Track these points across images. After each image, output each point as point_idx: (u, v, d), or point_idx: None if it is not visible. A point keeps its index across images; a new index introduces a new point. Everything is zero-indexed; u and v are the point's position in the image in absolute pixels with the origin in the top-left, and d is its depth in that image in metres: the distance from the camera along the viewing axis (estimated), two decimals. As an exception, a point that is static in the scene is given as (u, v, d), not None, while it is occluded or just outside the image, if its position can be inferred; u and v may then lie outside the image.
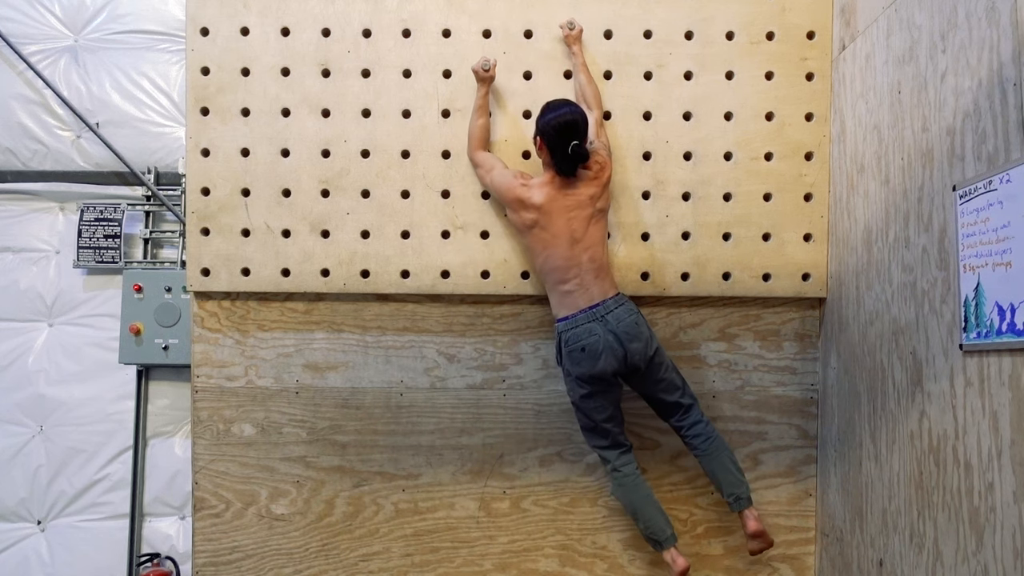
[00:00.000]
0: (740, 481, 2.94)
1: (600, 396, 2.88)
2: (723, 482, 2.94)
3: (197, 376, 3.23)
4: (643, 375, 2.91)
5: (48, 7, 3.97)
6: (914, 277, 2.54)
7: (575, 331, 2.84)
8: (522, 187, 2.89)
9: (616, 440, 2.95)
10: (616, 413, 2.95)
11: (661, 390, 2.95)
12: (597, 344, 2.80)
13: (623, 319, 2.83)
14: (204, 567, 3.23)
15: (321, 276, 3.19)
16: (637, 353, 2.83)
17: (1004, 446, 2.05)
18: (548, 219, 2.85)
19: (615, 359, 2.82)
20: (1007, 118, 2.09)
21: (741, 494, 2.93)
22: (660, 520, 2.92)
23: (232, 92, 3.17)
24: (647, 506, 2.93)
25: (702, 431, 2.96)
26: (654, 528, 2.91)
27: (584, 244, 2.86)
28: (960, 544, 2.25)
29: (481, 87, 3.08)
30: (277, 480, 3.24)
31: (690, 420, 2.97)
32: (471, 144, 3.07)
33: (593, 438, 2.98)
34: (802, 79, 3.21)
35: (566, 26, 3.10)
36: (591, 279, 2.86)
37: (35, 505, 3.88)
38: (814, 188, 3.21)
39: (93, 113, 3.94)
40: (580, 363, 2.84)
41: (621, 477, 2.94)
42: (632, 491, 2.93)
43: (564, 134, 2.78)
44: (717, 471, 2.95)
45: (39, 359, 3.91)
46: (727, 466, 2.94)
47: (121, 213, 3.92)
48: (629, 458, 2.97)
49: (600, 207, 2.92)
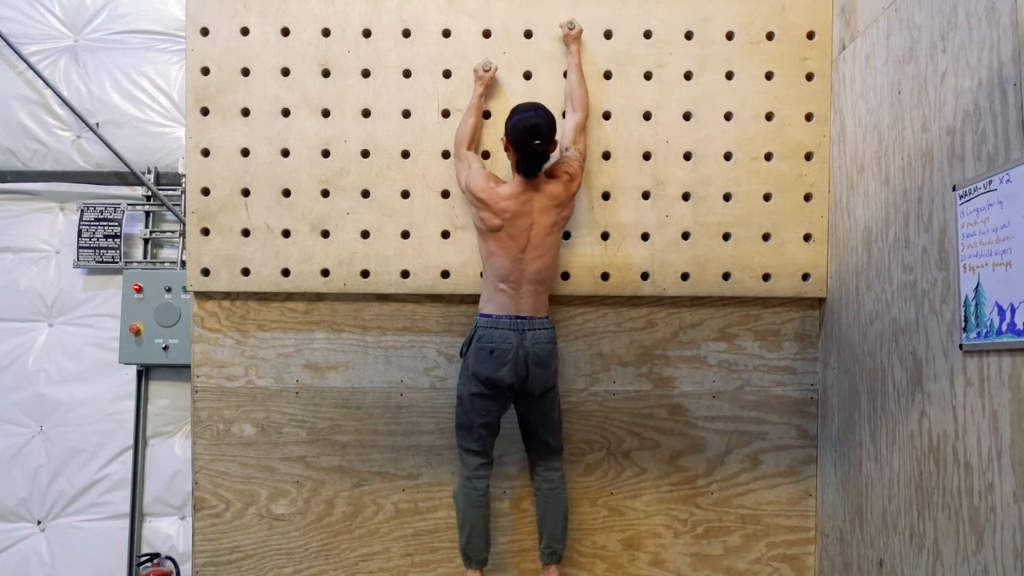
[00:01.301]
0: (561, 539, 3.04)
1: (488, 401, 2.92)
2: (546, 533, 3.04)
3: (197, 376, 3.23)
4: (532, 402, 2.97)
5: (48, 7, 3.97)
6: (914, 277, 2.54)
7: (492, 332, 2.87)
8: (491, 189, 2.90)
9: (483, 448, 2.98)
10: (494, 424, 2.99)
11: (539, 423, 3.01)
12: (507, 354, 2.85)
13: (540, 343, 2.88)
14: (204, 567, 3.23)
15: (321, 276, 3.19)
16: (537, 379, 2.89)
17: (1004, 446, 2.05)
18: (511, 223, 2.87)
19: (516, 375, 2.87)
20: (1007, 118, 2.09)
21: (556, 550, 3.03)
22: (481, 543, 3.00)
23: (232, 92, 3.17)
24: (477, 524, 2.98)
25: (553, 479, 3.03)
26: (473, 547, 2.99)
27: (536, 253, 2.89)
28: (960, 544, 2.25)
29: (478, 87, 3.09)
30: (277, 480, 3.24)
31: (548, 464, 3.04)
32: (459, 139, 3.07)
33: (463, 437, 2.99)
34: (802, 79, 3.21)
35: (566, 26, 3.11)
36: (529, 291, 2.90)
37: (35, 505, 3.88)
38: (814, 188, 3.21)
39: (93, 113, 3.94)
40: (484, 363, 2.87)
41: (470, 488, 2.98)
42: (472, 505, 2.97)
43: (528, 135, 2.80)
44: (547, 521, 3.03)
45: (39, 359, 3.91)
46: (558, 520, 3.03)
47: (121, 213, 3.92)
48: (485, 473, 3.00)
49: (565, 216, 2.96)
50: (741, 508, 3.29)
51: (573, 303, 3.25)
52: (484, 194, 2.89)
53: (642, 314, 3.27)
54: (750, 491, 3.29)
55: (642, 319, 3.27)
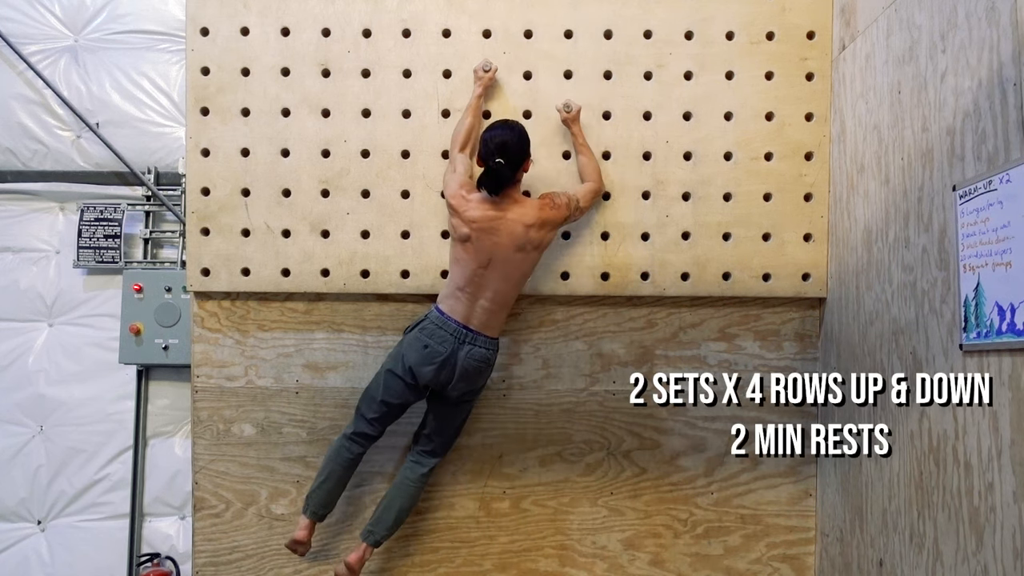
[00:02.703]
0: (387, 527, 3.03)
1: (402, 385, 2.92)
2: (378, 514, 3.05)
3: (197, 376, 3.23)
4: (443, 404, 3.00)
5: (48, 7, 3.97)
6: (914, 277, 2.54)
7: (435, 329, 2.87)
8: (461, 197, 2.87)
9: (375, 421, 2.98)
10: (398, 409, 3.00)
11: (439, 426, 3.04)
12: (437, 355, 2.85)
13: (474, 359, 2.88)
14: (204, 567, 3.23)
15: (321, 276, 3.19)
16: (455, 390, 2.92)
17: (1004, 446, 2.05)
18: (478, 236, 2.83)
19: (437, 378, 2.88)
20: (1007, 118, 2.09)
21: (378, 533, 3.03)
22: (326, 496, 3.00)
23: (232, 92, 3.17)
24: (331, 481, 2.99)
25: (416, 475, 3.05)
26: (318, 499, 3.00)
27: (498, 274, 2.86)
28: (960, 544, 2.25)
29: (477, 88, 3.08)
30: (277, 480, 3.24)
31: (421, 460, 3.07)
32: (454, 140, 3.05)
33: (364, 403, 3.00)
34: (802, 79, 3.21)
35: (563, 109, 3.09)
36: (483, 307, 2.88)
37: (35, 505, 3.88)
38: (814, 188, 3.21)
39: (93, 113, 3.94)
40: (414, 353, 2.88)
41: (343, 447, 2.99)
42: (339, 465, 2.99)
43: (491, 153, 2.79)
44: (386, 505, 3.05)
45: (39, 359, 3.91)
46: (393, 509, 3.03)
47: (121, 213, 3.92)
48: (364, 442, 3.00)
49: (531, 239, 2.86)
50: (741, 508, 3.29)
51: (573, 303, 3.25)
52: (454, 200, 2.88)
53: (642, 314, 3.27)
54: (750, 491, 3.29)
55: (642, 319, 3.27)
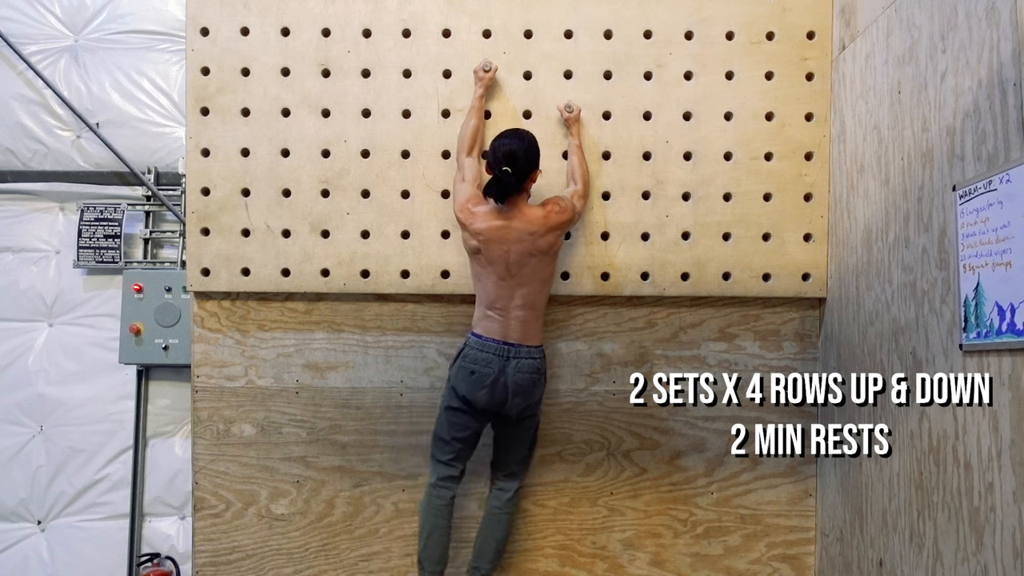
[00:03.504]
0: (490, 560, 3.06)
1: (465, 416, 2.91)
2: (477, 550, 3.07)
3: (197, 376, 3.23)
4: (507, 426, 2.97)
5: (48, 7, 3.97)
6: (914, 277, 2.54)
7: (477, 353, 2.85)
8: (467, 211, 2.86)
9: (453, 461, 2.97)
10: (469, 439, 2.97)
11: (509, 448, 3.02)
12: (486, 378, 2.83)
13: (523, 372, 2.85)
14: (204, 567, 3.23)
15: (321, 276, 3.19)
16: (515, 408, 2.88)
17: (1004, 446, 2.05)
18: (487, 247, 2.83)
19: (493, 400, 2.85)
20: (1007, 118, 2.09)
21: (482, 568, 3.05)
22: (437, 553, 2.98)
23: (232, 92, 3.17)
24: (435, 535, 2.98)
25: (502, 499, 3.05)
26: (429, 557, 2.98)
27: (518, 280, 2.84)
28: (960, 544, 2.25)
29: (479, 87, 3.09)
30: (277, 480, 3.24)
31: (503, 485, 3.06)
32: (460, 144, 3.05)
33: (436, 446, 2.99)
34: (802, 79, 3.21)
35: (564, 109, 3.11)
36: (518, 317, 2.86)
37: (35, 505, 3.88)
38: (814, 188, 3.21)
39: (93, 113, 3.94)
40: (463, 382, 2.86)
41: (434, 496, 2.98)
42: (434, 515, 2.97)
43: (500, 161, 2.78)
44: (483, 539, 3.07)
45: (39, 359, 3.91)
46: (491, 543, 3.05)
47: (121, 213, 3.91)
48: (451, 484, 2.99)
49: (540, 246, 2.84)
50: (741, 508, 3.29)
51: (573, 303, 3.25)
52: (461, 214, 2.88)
53: (642, 314, 3.27)
54: (750, 491, 3.29)
55: (642, 319, 3.27)
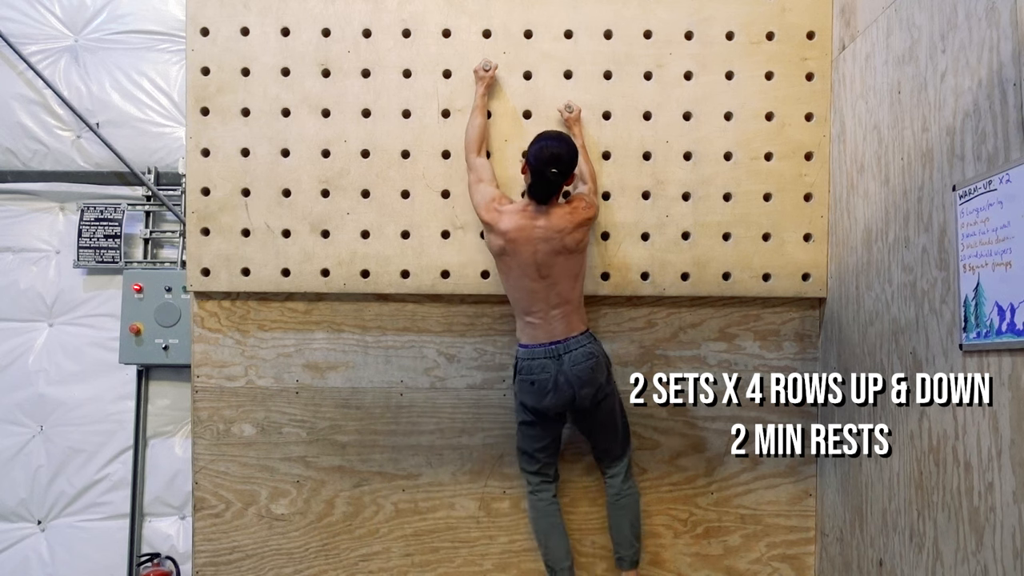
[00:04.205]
0: (630, 544, 3.03)
1: (539, 427, 2.96)
2: (615, 540, 3.06)
3: (197, 376, 3.23)
4: (586, 417, 2.97)
5: (48, 7, 3.97)
6: (914, 277, 2.54)
7: (529, 363, 2.87)
8: (494, 211, 2.87)
9: (542, 470, 3.03)
10: (551, 445, 3.01)
11: (597, 432, 3.01)
12: (547, 383, 2.84)
13: (579, 362, 2.84)
14: (204, 567, 3.23)
15: (321, 276, 3.19)
16: (586, 398, 2.88)
17: (1004, 446, 2.05)
18: (514, 247, 2.83)
19: (561, 400, 2.86)
20: (1007, 118, 2.09)
21: (625, 556, 3.04)
22: (560, 551, 3.01)
23: (232, 92, 3.17)
24: (552, 535, 3.02)
25: (618, 485, 3.03)
26: (552, 557, 3.02)
27: (551, 279, 2.84)
28: (960, 544, 2.25)
29: (479, 86, 3.09)
30: (277, 480, 3.24)
31: (615, 471, 3.04)
32: (468, 145, 3.06)
33: (522, 460, 3.07)
34: (802, 79, 3.21)
35: (564, 109, 3.11)
36: (556, 315, 2.86)
37: (35, 505, 3.88)
38: (814, 188, 3.21)
39: (93, 113, 3.94)
40: (527, 395, 2.90)
41: (536, 500, 3.05)
42: (542, 516, 3.03)
43: (548, 163, 2.77)
44: (615, 528, 3.06)
45: (39, 359, 3.91)
46: (623, 527, 3.03)
47: (121, 213, 3.92)
48: (547, 486, 3.04)
49: (567, 244, 2.83)
50: (741, 508, 3.29)
51: (573, 303, 3.25)
52: (487, 215, 2.88)
53: (642, 314, 3.27)
54: (750, 491, 3.29)
55: (642, 319, 3.27)
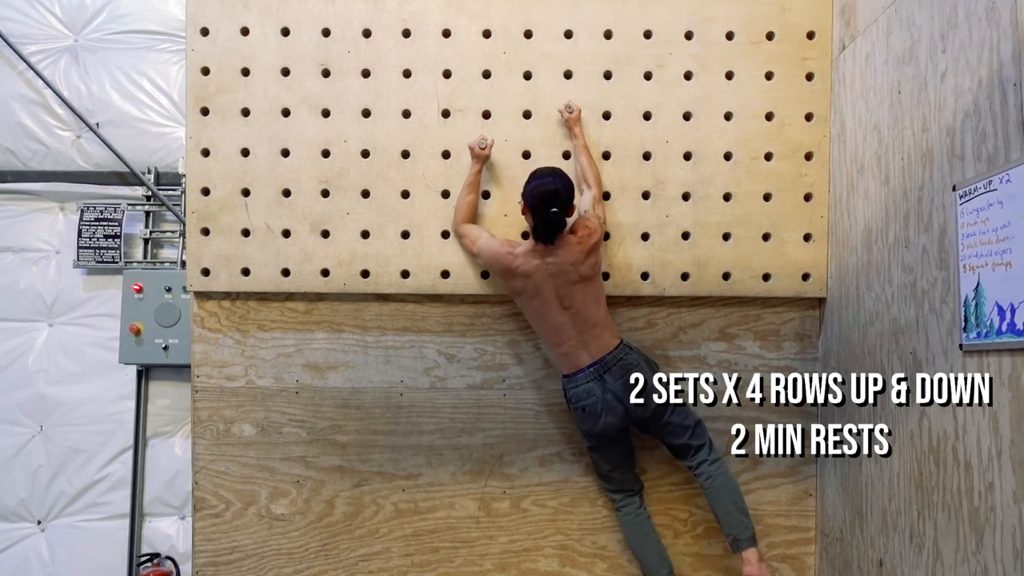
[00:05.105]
0: (740, 522, 2.91)
1: (604, 449, 3.00)
2: (723, 523, 2.96)
3: (197, 376, 3.23)
4: (648, 422, 2.95)
5: (48, 7, 3.97)
6: (914, 277, 2.54)
7: (575, 391, 2.90)
8: (509, 255, 2.87)
9: (622, 486, 3.09)
10: (623, 462, 3.06)
11: (668, 434, 2.98)
12: (596, 405, 2.85)
13: (622, 374, 2.85)
14: (204, 567, 3.23)
15: (321, 276, 3.19)
16: (639, 408, 2.86)
17: (1004, 446, 2.05)
18: (536, 287, 2.85)
19: (616, 417, 2.87)
20: (1007, 118, 2.09)
21: (739, 535, 2.90)
22: (655, 559, 3.05)
23: (232, 92, 3.17)
24: (644, 544, 3.07)
25: (706, 470, 2.97)
26: (648, 566, 3.07)
27: (574, 308, 2.86)
28: (960, 544, 2.25)
29: (475, 164, 3.08)
30: (277, 480, 3.23)
31: (697, 460, 2.98)
32: (456, 217, 3.07)
33: (601, 481, 3.16)
34: (802, 79, 3.21)
35: (564, 109, 3.11)
36: (588, 338, 2.87)
37: (35, 505, 3.88)
38: (814, 188, 3.21)
39: (93, 113, 3.94)
40: (583, 422, 2.94)
41: (625, 514, 3.11)
42: (632, 529, 3.10)
43: (546, 201, 2.76)
44: (718, 511, 2.97)
45: (39, 359, 3.91)
46: (727, 507, 2.93)
47: (121, 213, 3.92)
48: (633, 498, 3.10)
49: (583, 273, 2.84)
50: (741, 508, 3.29)
51: (573, 303, 3.25)
52: (505, 260, 2.88)
53: (642, 314, 3.27)
54: (750, 491, 3.28)
55: (642, 319, 3.27)
